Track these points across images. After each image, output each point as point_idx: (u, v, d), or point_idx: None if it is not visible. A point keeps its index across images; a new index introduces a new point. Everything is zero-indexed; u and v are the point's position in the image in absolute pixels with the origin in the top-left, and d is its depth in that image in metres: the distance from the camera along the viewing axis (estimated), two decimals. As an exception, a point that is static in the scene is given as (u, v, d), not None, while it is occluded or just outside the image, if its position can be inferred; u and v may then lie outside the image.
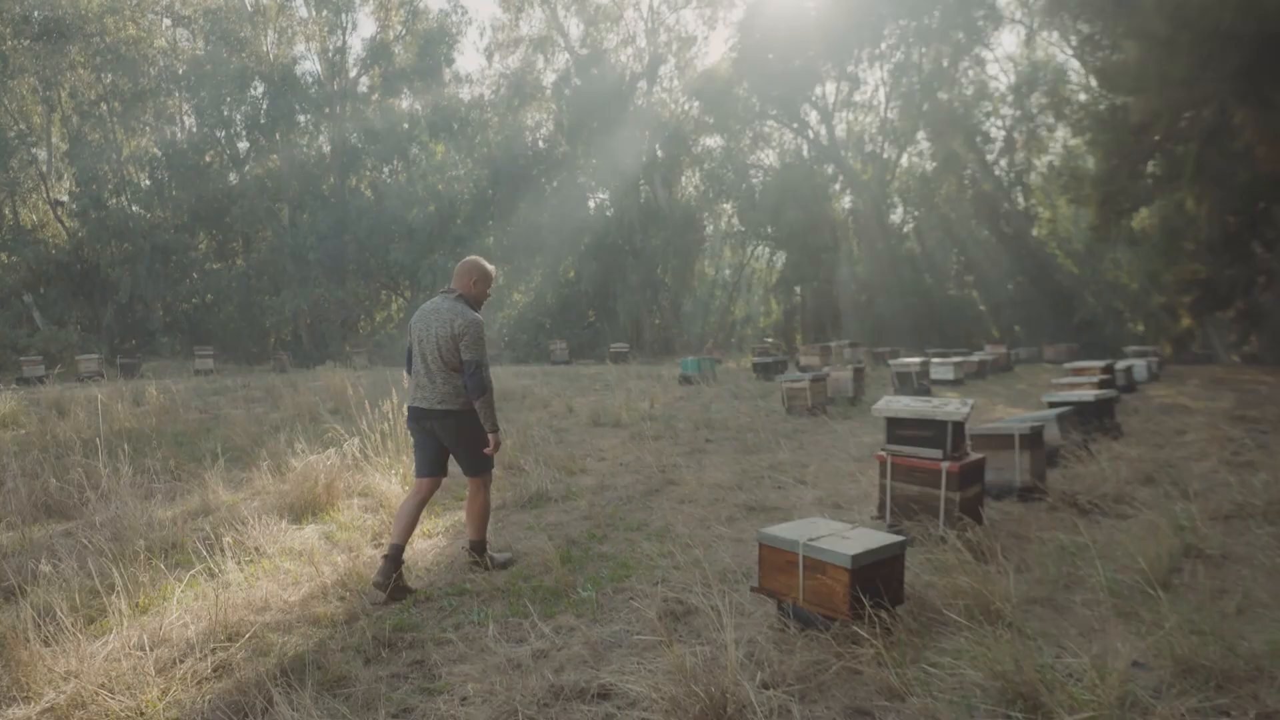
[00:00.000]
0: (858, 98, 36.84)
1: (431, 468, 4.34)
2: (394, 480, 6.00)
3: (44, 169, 27.55)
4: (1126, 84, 11.57)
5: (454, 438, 4.25)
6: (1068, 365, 12.51)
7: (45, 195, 27.69)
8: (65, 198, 26.93)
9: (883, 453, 5.26)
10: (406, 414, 4.37)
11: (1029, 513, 5.72)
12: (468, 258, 4.45)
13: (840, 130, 37.29)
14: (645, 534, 5.30)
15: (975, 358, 17.46)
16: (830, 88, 36.65)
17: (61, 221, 26.73)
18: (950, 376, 15.55)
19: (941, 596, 3.88)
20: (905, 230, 36.22)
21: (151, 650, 3.35)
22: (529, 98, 32.41)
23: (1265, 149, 10.29)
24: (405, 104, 32.22)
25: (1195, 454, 7.75)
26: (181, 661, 3.29)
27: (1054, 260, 35.23)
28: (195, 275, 27.42)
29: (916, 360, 13.95)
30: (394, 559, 4.12)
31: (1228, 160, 12.85)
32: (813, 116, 37.05)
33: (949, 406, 5.09)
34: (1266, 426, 9.15)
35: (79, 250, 25.58)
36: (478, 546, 4.55)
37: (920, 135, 35.06)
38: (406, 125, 30.59)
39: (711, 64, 33.78)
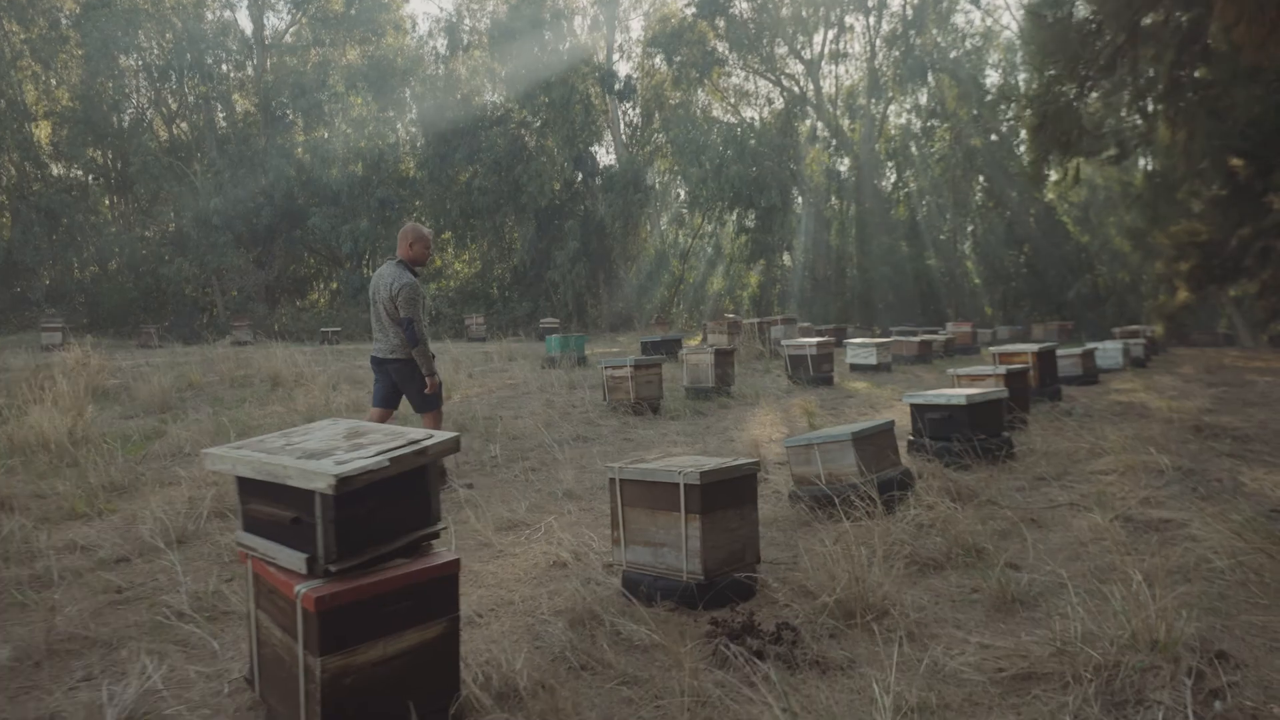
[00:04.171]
0: (845, 48, 33.28)
1: (384, 401, 5.23)
2: None
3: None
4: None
5: (404, 380, 5.12)
6: (993, 350, 9.52)
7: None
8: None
9: (243, 548, 2.46)
10: (371, 360, 5.29)
11: (664, 651, 2.89)
12: (405, 224, 5.25)
13: (828, 86, 33.82)
14: None
15: (916, 338, 14.24)
16: (817, 39, 33.24)
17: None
18: (871, 362, 12.47)
19: None
20: (894, 194, 32.70)
21: None
22: (466, 46, 29.32)
23: (1242, 30, 7.16)
24: (334, 54, 29.26)
25: (1090, 498, 4.80)
26: None
27: (1063, 227, 31.45)
28: (92, 244, 24.94)
29: (813, 341, 10.93)
30: None
31: (1223, 85, 9.63)
32: (798, 69, 33.62)
33: (325, 460, 2.24)
34: (1230, 443, 6.11)
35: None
36: None
37: (912, 86, 31.42)
38: (333, 77, 27.70)
39: (673, 9, 30.36)
